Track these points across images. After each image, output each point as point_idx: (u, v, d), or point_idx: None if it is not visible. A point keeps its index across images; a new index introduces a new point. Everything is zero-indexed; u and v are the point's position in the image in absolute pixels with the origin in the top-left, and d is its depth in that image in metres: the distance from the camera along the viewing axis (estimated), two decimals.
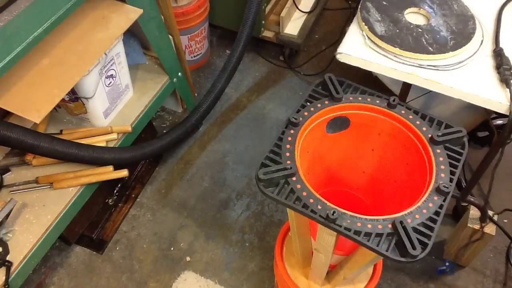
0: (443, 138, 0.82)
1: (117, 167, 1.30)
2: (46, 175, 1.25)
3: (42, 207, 1.21)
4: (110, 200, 1.56)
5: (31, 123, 1.29)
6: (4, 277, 1.08)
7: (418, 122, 0.85)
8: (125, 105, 1.46)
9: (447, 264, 1.41)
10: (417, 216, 0.71)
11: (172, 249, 1.50)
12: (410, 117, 0.85)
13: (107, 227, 1.53)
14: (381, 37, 1.08)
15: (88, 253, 1.49)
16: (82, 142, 1.25)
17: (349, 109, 0.88)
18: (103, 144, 1.32)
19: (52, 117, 1.40)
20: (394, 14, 1.14)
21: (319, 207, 0.72)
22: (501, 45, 1.08)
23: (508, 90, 1.00)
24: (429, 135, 0.83)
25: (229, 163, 1.70)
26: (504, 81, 1.01)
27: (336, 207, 0.71)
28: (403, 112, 0.86)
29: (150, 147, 1.44)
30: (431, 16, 1.14)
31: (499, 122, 1.49)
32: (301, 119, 0.83)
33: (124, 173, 1.30)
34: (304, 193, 0.73)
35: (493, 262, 1.45)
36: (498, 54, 1.06)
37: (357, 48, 1.10)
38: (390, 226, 0.70)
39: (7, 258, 1.10)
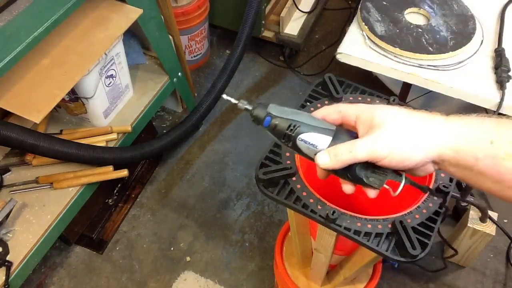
0: None
1: (117, 167, 1.30)
2: (46, 175, 1.25)
3: (42, 207, 1.21)
4: (110, 200, 1.56)
5: (31, 123, 1.29)
6: (4, 277, 1.08)
7: None
8: (125, 105, 1.46)
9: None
10: (417, 216, 0.71)
11: (172, 249, 1.50)
12: None
13: (107, 227, 1.53)
14: (381, 37, 1.08)
15: (88, 253, 1.49)
16: (82, 142, 1.25)
17: None
18: (103, 144, 1.32)
19: (52, 117, 1.40)
20: (394, 14, 1.14)
21: (319, 207, 0.72)
22: (503, 45, 1.08)
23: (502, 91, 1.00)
24: None
25: (229, 163, 1.70)
26: (499, 82, 1.02)
27: (336, 207, 0.71)
28: None
29: (150, 147, 1.44)
30: (431, 16, 1.14)
31: None
32: None
33: (124, 173, 1.30)
34: (304, 193, 0.73)
35: (493, 262, 1.45)
36: (499, 54, 1.06)
37: (357, 48, 1.10)
38: (390, 226, 0.70)
39: (7, 258, 1.10)
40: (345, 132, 0.55)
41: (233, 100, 0.57)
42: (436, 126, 0.49)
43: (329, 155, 0.53)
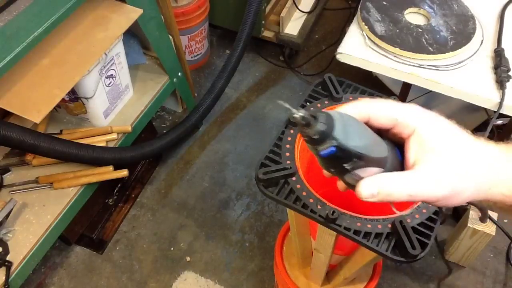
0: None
1: (117, 167, 1.30)
2: (46, 175, 1.25)
3: (42, 207, 1.21)
4: (110, 200, 1.56)
5: (31, 123, 1.29)
6: (4, 277, 1.08)
7: None
8: (125, 105, 1.46)
9: None
10: (416, 216, 0.71)
11: (172, 249, 1.50)
12: None
13: (107, 227, 1.53)
14: (381, 37, 1.08)
15: (88, 253, 1.49)
16: (82, 142, 1.25)
17: None
18: (103, 144, 1.32)
19: (52, 117, 1.40)
20: (394, 14, 1.14)
21: (319, 207, 0.71)
22: (503, 45, 1.08)
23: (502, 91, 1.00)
24: None
25: (229, 163, 1.70)
26: (499, 82, 1.02)
27: (336, 207, 0.71)
28: None
29: (150, 147, 1.44)
30: (431, 16, 1.14)
31: (499, 122, 1.49)
32: None
33: (124, 173, 1.30)
34: (304, 193, 0.73)
35: (493, 262, 1.45)
36: (498, 54, 1.06)
37: (357, 48, 1.10)
38: (389, 226, 0.70)
39: (7, 258, 1.10)
40: (393, 154, 0.46)
41: (293, 110, 0.41)
42: (493, 161, 0.43)
43: (379, 192, 0.42)
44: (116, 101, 1.40)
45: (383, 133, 0.46)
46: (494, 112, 1.01)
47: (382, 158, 0.44)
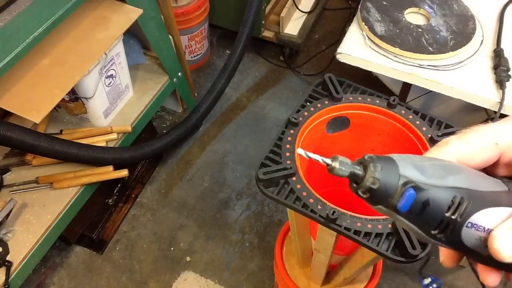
0: (443, 138, 0.81)
1: (117, 167, 1.30)
2: (46, 175, 1.25)
3: (42, 207, 1.21)
4: (110, 200, 1.56)
5: (31, 123, 1.30)
6: (4, 277, 1.08)
7: (418, 122, 0.85)
8: (125, 105, 1.46)
9: (431, 279, 1.40)
10: None
11: (172, 249, 1.50)
12: (410, 117, 0.85)
13: (107, 227, 1.53)
14: (381, 37, 1.08)
15: (88, 253, 1.49)
16: (82, 142, 1.25)
17: (349, 109, 0.88)
18: (103, 144, 1.32)
19: (52, 117, 1.40)
20: (394, 14, 1.14)
21: (319, 207, 0.72)
22: (502, 45, 1.08)
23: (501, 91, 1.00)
24: (429, 135, 0.83)
25: (229, 163, 1.70)
26: (499, 82, 1.02)
27: (336, 207, 0.71)
28: (403, 112, 0.86)
29: (150, 147, 1.44)
30: (431, 16, 1.14)
31: None
32: (301, 119, 0.83)
33: (124, 173, 1.30)
34: (304, 193, 0.73)
35: None
36: (497, 54, 1.06)
37: (357, 48, 1.10)
38: (390, 226, 0.70)
39: (7, 258, 1.10)
40: None
41: (327, 161, 0.31)
42: None
43: None
44: (116, 101, 1.40)
45: (490, 173, 0.33)
46: (494, 112, 1.01)
47: (502, 193, 0.30)
